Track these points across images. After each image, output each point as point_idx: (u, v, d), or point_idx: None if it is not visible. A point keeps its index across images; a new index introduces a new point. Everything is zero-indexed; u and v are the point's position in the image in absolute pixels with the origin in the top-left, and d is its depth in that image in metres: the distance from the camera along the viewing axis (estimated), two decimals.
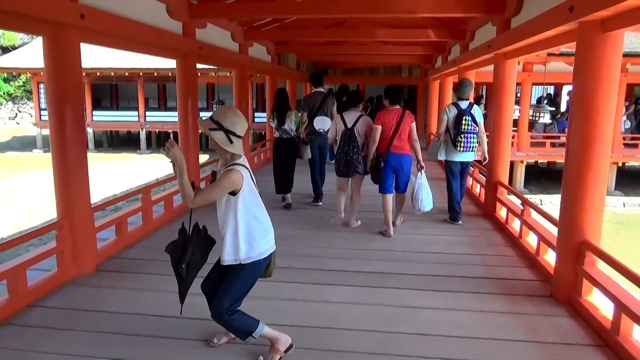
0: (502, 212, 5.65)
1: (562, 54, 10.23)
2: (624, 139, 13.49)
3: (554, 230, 4.19)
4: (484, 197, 6.21)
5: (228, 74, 18.25)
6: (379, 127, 4.92)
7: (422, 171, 5.16)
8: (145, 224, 5.13)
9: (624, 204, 12.50)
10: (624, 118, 13.84)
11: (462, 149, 5.31)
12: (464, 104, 5.41)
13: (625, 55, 11.67)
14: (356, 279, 3.93)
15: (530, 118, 6.99)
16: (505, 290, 3.74)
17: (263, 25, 8.93)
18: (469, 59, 7.08)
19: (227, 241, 2.61)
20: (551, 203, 12.45)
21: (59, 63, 3.75)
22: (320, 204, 6.47)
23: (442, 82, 10.80)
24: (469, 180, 7.45)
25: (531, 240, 4.59)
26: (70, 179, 3.92)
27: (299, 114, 6.38)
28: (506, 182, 5.83)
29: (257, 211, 2.66)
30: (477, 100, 15.94)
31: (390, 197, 5.09)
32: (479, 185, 6.81)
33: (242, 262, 2.63)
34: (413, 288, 3.77)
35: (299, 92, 13.99)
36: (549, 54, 9.28)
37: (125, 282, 3.89)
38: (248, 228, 2.60)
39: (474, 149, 5.40)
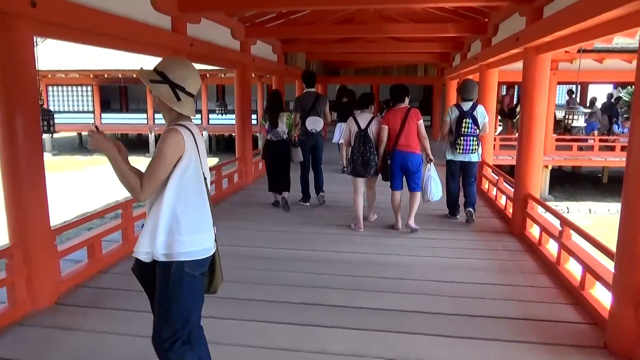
0: (533, 230, 4.92)
1: (592, 50, 9.41)
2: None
3: (603, 259, 3.47)
4: (511, 212, 5.47)
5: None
6: (386, 127, 5.05)
7: (431, 164, 5.14)
8: (125, 244, 4.52)
9: None
10: None
11: (461, 150, 5.34)
12: (466, 106, 5.39)
13: None
14: (362, 319, 3.25)
15: (565, 121, 6.20)
16: (546, 337, 3.01)
17: (267, 22, 8.29)
18: (493, 54, 6.35)
19: (146, 228, 2.04)
20: (579, 211, 11.57)
21: (7, 60, 3.14)
22: (308, 204, 6.46)
23: (460, 82, 10.03)
24: (492, 190, 6.74)
25: (573, 268, 3.85)
26: (24, 197, 3.30)
27: (292, 116, 6.20)
28: (538, 195, 5.10)
29: (194, 197, 2.07)
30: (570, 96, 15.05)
31: (398, 194, 5.22)
32: (504, 197, 6.06)
33: (161, 261, 2.02)
34: (431, 333, 3.06)
35: None
36: (578, 50, 8.42)
37: (87, 320, 3.25)
38: (175, 215, 2.01)
39: (473, 151, 5.38)
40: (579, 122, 6.10)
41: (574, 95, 15.40)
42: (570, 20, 3.76)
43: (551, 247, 4.36)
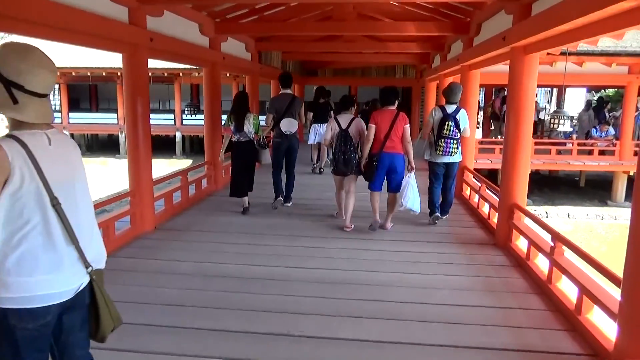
0: (520, 243, 4.61)
1: (574, 53, 9.22)
2: (637, 146, 12.49)
3: (599, 279, 3.14)
4: (496, 222, 5.15)
5: (227, 75, 17.19)
6: (373, 127, 5.04)
7: (412, 172, 5.20)
8: None
9: None
10: None
11: (441, 152, 5.32)
12: (450, 108, 5.38)
13: None
14: (338, 354, 2.84)
15: (550, 125, 5.94)
16: None
17: (240, 18, 7.83)
18: (476, 55, 6.04)
19: None
20: (558, 216, 11.44)
21: None
22: (280, 199, 6.35)
23: (440, 84, 9.74)
24: (475, 196, 6.44)
25: (566, 287, 3.53)
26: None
27: (258, 117, 6.10)
28: (524, 204, 4.78)
29: (32, 230, 1.59)
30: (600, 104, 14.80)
31: (377, 195, 5.27)
32: (487, 205, 5.75)
33: None
34: None
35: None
36: (562, 53, 8.14)
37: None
38: (3, 251, 1.56)
39: (453, 153, 5.35)
40: (565, 126, 5.83)
41: (593, 104, 15.26)
42: (562, 18, 3.45)
43: (541, 263, 4.03)
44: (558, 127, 5.69)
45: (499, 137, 14.07)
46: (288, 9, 8.12)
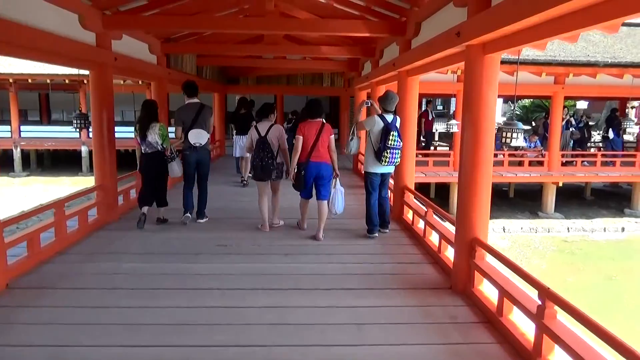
0: (485, 288, 3.71)
1: (505, 62, 8.76)
2: (562, 156, 12.47)
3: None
4: (450, 259, 4.23)
5: (122, 82, 15.32)
6: (301, 138, 5.23)
7: (338, 179, 5.45)
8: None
9: (568, 228, 11.36)
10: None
11: (386, 163, 5.21)
12: (389, 117, 5.28)
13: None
14: None
15: (501, 139, 5.16)
16: None
17: (136, 11, 6.46)
18: (419, 57, 5.19)
19: None
20: (494, 231, 10.98)
21: None
22: (188, 219, 5.97)
23: (372, 92, 8.88)
24: (419, 222, 5.57)
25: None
26: None
27: (165, 127, 5.76)
28: (484, 234, 3.90)
29: None
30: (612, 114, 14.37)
31: (307, 202, 5.58)
32: (436, 234, 4.85)
33: None
34: None
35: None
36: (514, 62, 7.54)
37: None
38: None
39: (397, 163, 5.35)
40: (518, 140, 5.05)
41: (617, 113, 14.98)
42: (534, 6, 2.60)
43: (521, 322, 3.13)
44: (511, 141, 4.89)
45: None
46: (197, 2, 6.89)
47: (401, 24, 6.08)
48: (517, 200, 13.47)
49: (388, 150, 5.13)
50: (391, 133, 5.11)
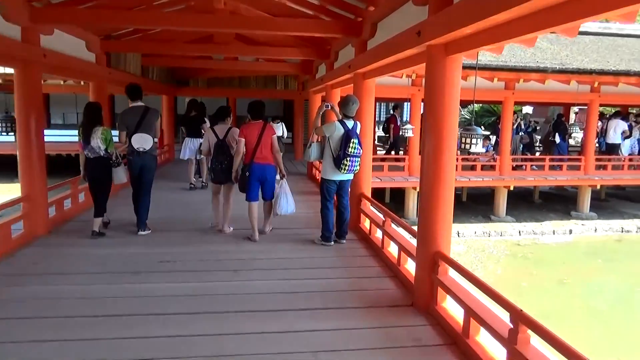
0: (450, 305, 3.48)
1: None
2: (513, 160, 12.68)
3: None
4: (413, 274, 3.99)
5: (62, 83, 14.32)
6: (243, 140, 5.22)
7: (284, 180, 5.44)
8: None
9: (519, 231, 11.52)
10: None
11: (345, 171, 5.03)
12: (350, 123, 5.10)
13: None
14: None
15: (461, 146, 4.99)
16: None
17: (70, 4, 5.89)
18: (376, 59, 4.92)
19: None
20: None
21: None
22: (144, 232, 5.66)
23: (327, 95, 8.61)
24: (376, 231, 5.32)
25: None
26: None
27: (108, 130, 5.44)
28: (447, 247, 3.67)
29: None
30: (559, 119, 14.52)
31: (255, 205, 5.40)
32: (395, 245, 4.61)
33: None
34: None
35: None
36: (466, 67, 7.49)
37: None
38: None
39: (356, 171, 5.18)
40: (478, 146, 4.90)
41: (563, 118, 15.22)
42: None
43: (487, 342, 2.90)
44: (471, 147, 4.73)
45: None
46: None
47: (357, 24, 5.84)
48: (470, 204, 13.59)
49: (348, 158, 4.93)
50: (352, 140, 4.92)
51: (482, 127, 15.56)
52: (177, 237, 5.61)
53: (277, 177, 5.49)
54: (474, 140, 4.75)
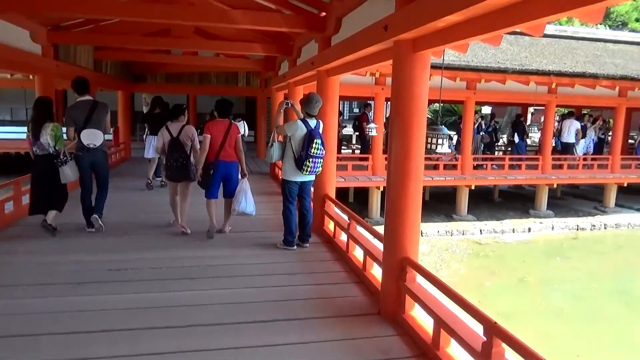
0: (418, 313, 3.33)
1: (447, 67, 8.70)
2: (474, 160, 12.83)
3: None
4: (379, 280, 3.83)
5: (8, 76, 13.44)
6: (208, 137, 5.20)
7: (246, 178, 5.42)
8: None
9: (480, 230, 11.65)
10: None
11: (307, 172, 4.86)
12: (312, 122, 4.90)
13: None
14: None
15: (428, 146, 4.87)
16: None
17: None
18: (340, 55, 4.72)
19: None
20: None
21: None
22: (93, 230, 5.52)
23: (290, 93, 8.38)
24: (341, 234, 5.15)
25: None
26: None
27: (58, 127, 5.30)
28: (414, 252, 3.53)
29: None
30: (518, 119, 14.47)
31: (214, 202, 5.45)
32: (360, 249, 4.44)
33: None
34: None
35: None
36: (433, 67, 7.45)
37: None
38: None
39: (318, 172, 4.99)
40: (444, 147, 4.79)
41: (522, 118, 15.31)
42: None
43: (458, 354, 2.76)
44: (437, 147, 4.61)
45: None
46: None
47: (320, 20, 5.64)
48: (433, 203, 13.66)
49: (310, 159, 4.75)
50: (315, 141, 4.75)
51: (443, 126, 15.69)
52: (130, 241, 5.28)
53: (239, 176, 5.44)
54: (439, 141, 4.63)
